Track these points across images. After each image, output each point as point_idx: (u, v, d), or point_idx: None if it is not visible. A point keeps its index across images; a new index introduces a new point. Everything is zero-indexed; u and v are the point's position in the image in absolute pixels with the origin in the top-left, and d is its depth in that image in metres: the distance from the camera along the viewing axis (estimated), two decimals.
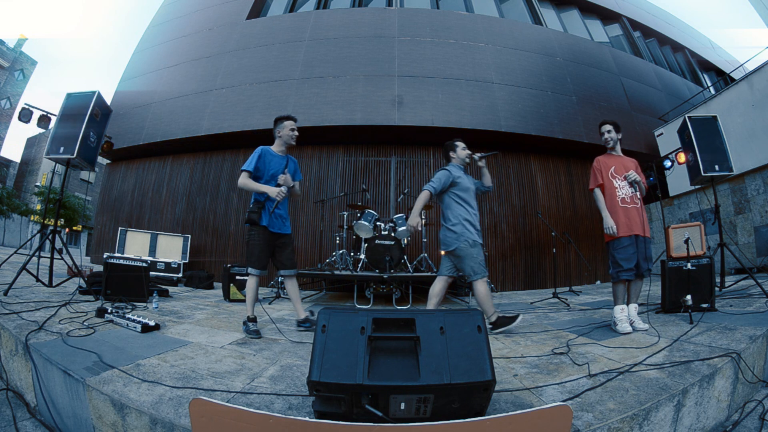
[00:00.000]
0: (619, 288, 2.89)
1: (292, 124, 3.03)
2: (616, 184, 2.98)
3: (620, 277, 2.85)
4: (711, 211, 4.62)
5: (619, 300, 2.87)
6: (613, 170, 3.01)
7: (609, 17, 10.96)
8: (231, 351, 2.34)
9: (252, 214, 2.89)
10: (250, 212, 2.90)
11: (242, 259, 6.90)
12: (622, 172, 2.99)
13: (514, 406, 1.62)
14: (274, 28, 8.49)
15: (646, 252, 2.89)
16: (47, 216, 9.83)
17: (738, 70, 11.86)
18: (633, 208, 2.90)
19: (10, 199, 20.04)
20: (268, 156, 2.97)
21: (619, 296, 2.88)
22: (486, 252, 6.83)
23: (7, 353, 2.24)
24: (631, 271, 2.82)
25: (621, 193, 2.94)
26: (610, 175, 3.00)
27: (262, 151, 2.96)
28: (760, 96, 6.09)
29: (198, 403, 1.19)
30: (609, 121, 3.15)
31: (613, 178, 2.99)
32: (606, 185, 3.00)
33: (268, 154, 2.97)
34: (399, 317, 1.54)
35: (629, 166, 3.03)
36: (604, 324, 3.06)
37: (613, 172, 3.01)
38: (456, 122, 6.99)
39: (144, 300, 3.77)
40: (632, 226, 2.85)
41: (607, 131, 3.09)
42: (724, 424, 1.83)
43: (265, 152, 2.96)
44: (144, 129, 8.05)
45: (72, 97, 4.15)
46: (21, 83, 26.20)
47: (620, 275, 2.84)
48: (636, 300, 2.92)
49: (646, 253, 2.90)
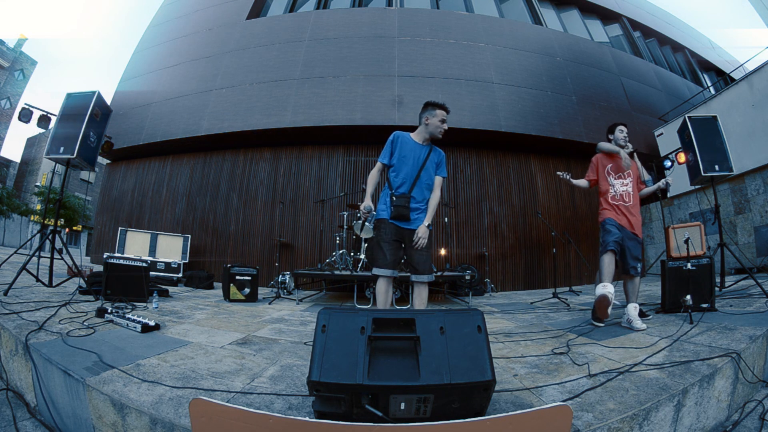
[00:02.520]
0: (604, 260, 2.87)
1: (444, 114, 2.63)
2: (609, 182, 3.08)
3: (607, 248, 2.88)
4: (711, 211, 4.62)
5: (604, 276, 2.82)
6: (609, 168, 3.11)
7: (609, 17, 10.96)
8: (231, 351, 2.34)
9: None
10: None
11: (242, 259, 6.91)
12: (617, 172, 3.09)
13: (514, 406, 1.62)
14: (274, 28, 8.49)
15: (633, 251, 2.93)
16: (47, 216, 9.82)
17: (738, 70, 11.86)
18: (622, 206, 3.03)
19: (10, 199, 20.04)
20: (403, 143, 2.63)
21: (605, 271, 2.83)
22: (486, 252, 6.89)
23: (7, 353, 2.24)
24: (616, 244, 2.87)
25: (613, 191, 3.06)
26: (606, 172, 3.09)
27: (394, 136, 2.63)
28: (760, 96, 6.09)
29: (198, 403, 1.19)
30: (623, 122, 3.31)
31: (608, 176, 3.09)
32: (600, 182, 3.13)
33: (403, 139, 2.64)
34: (399, 317, 1.54)
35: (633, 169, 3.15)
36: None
37: (609, 170, 3.10)
38: (456, 122, 6.98)
39: (144, 300, 3.77)
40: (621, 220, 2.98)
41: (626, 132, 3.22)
42: (724, 424, 1.83)
43: (399, 137, 2.64)
44: (144, 129, 8.06)
45: (72, 97, 4.15)
46: (21, 83, 26.20)
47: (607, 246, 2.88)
48: (635, 299, 2.92)
49: (634, 252, 2.94)
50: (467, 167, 7.45)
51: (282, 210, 7.17)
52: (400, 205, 2.52)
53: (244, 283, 4.77)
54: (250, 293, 4.77)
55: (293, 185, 7.37)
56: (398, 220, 2.56)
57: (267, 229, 7.23)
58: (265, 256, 7.11)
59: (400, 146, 2.63)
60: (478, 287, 6.28)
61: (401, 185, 2.58)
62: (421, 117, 2.69)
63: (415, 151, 2.63)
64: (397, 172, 2.61)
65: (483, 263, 6.86)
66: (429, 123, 2.64)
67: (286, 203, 7.22)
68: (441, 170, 2.70)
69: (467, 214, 7.17)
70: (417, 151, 2.63)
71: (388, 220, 2.56)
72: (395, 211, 2.53)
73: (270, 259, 6.96)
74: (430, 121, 2.63)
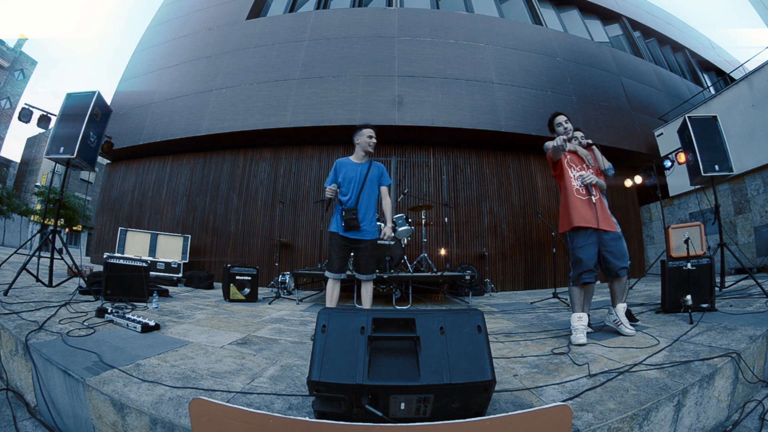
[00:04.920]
0: (575, 291, 2.61)
1: (370, 131, 3.03)
2: (570, 174, 2.76)
3: (582, 280, 2.57)
4: (711, 211, 4.62)
5: (577, 307, 2.59)
6: (569, 159, 2.82)
7: (609, 17, 10.96)
8: (231, 351, 2.34)
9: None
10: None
11: (242, 259, 6.91)
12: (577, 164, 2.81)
13: (514, 406, 1.62)
14: (274, 28, 8.49)
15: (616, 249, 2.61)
16: (47, 216, 9.83)
17: (738, 70, 11.87)
18: (587, 200, 2.68)
19: (10, 199, 20.03)
20: (344, 165, 3.03)
21: (577, 302, 2.60)
22: (486, 252, 6.89)
23: (7, 353, 2.24)
24: (592, 273, 2.55)
25: (575, 183, 2.74)
26: (566, 163, 2.79)
27: (336, 163, 3.05)
28: (760, 96, 6.09)
29: (198, 403, 1.19)
30: (561, 112, 2.96)
31: (569, 168, 2.78)
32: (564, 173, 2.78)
33: (343, 163, 3.04)
34: (399, 317, 1.54)
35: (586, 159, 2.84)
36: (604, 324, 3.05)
37: (569, 161, 2.81)
38: (456, 122, 7.00)
39: (144, 300, 3.77)
40: (589, 219, 2.61)
41: (564, 121, 2.84)
42: (724, 424, 1.83)
43: (339, 163, 3.04)
44: (144, 129, 8.06)
45: (72, 97, 4.15)
46: (21, 83, 26.19)
47: (582, 277, 2.56)
48: (623, 299, 2.67)
49: (617, 250, 2.61)
50: (467, 167, 7.45)
51: (282, 210, 7.17)
52: (349, 218, 2.86)
53: (244, 283, 4.77)
54: (250, 293, 4.77)
55: (293, 185, 7.37)
56: (349, 232, 2.90)
57: (267, 229, 7.24)
58: (265, 256, 7.11)
59: (343, 170, 3.01)
60: (478, 287, 6.28)
61: (348, 201, 2.94)
62: (354, 140, 3.07)
63: (355, 170, 2.99)
64: (344, 191, 2.97)
65: (483, 263, 6.86)
66: (359, 142, 3.02)
67: (286, 203, 7.22)
68: (384, 180, 3.08)
69: (467, 214, 7.17)
70: (357, 169, 3.00)
71: (339, 234, 2.92)
72: (346, 224, 2.88)
73: (270, 259, 6.96)
74: (360, 140, 3.02)
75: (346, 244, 2.93)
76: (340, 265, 2.91)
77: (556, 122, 2.89)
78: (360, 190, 2.94)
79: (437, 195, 7.12)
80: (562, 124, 2.84)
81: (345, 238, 2.91)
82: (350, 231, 2.89)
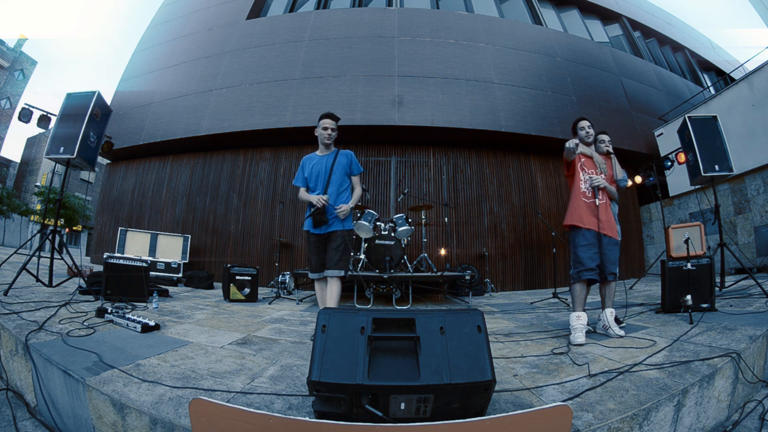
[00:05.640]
0: (576, 289, 2.67)
1: (326, 122, 2.88)
2: (581, 177, 2.86)
3: (582, 277, 2.64)
4: (711, 211, 4.62)
5: (577, 305, 2.64)
6: (582, 162, 2.91)
7: (609, 17, 10.96)
8: (231, 351, 2.34)
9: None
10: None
11: (242, 259, 6.91)
12: (590, 167, 2.90)
13: (514, 406, 1.62)
14: (274, 28, 8.49)
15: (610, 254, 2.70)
16: (47, 216, 9.83)
17: (738, 70, 11.87)
18: (591, 202, 2.77)
19: (10, 199, 20.03)
20: (309, 161, 2.96)
21: (577, 300, 2.65)
22: (486, 252, 6.89)
23: (7, 353, 2.24)
24: (593, 271, 2.63)
25: (584, 186, 2.84)
26: (579, 166, 2.89)
27: (302, 160, 3.00)
28: (760, 96, 6.09)
29: (198, 403, 1.19)
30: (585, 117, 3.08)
31: (582, 171, 2.88)
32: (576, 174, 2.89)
33: (308, 159, 2.98)
34: (399, 317, 1.54)
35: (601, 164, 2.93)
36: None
37: (583, 165, 2.90)
38: (456, 122, 7.00)
39: (144, 300, 3.77)
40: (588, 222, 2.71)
41: (587, 126, 2.99)
42: (724, 424, 1.83)
43: (305, 159, 2.99)
44: (144, 129, 8.06)
45: (72, 97, 4.15)
46: (21, 83, 26.19)
47: (582, 275, 2.64)
48: (611, 303, 2.77)
49: (612, 257, 2.70)
50: (467, 167, 7.45)
51: (282, 210, 7.17)
52: (317, 213, 2.76)
53: (244, 283, 4.77)
54: (250, 293, 4.77)
55: (293, 185, 7.37)
56: (318, 227, 2.81)
57: (267, 229, 7.23)
58: (265, 256, 7.11)
59: (308, 165, 2.95)
60: (478, 287, 6.28)
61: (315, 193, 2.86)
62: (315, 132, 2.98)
63: (321, 163, 2.90)
64: (311, 186, 2.92)
65: (483, 263, 6.86)
66: (318, 134, 2.93)
67: (286, 203, 7.22)
68: (354, 168, 2.95)
69: (467, 214, 7.17)
70: (323, 161, 2.91)
71: (311, 232, 2.86)
72: (314, 221, 2.78)
73: (270, 259, 6.96)
74: (318, 132, 2.93)
75: (319, 241, 2.84)
76: (318, 263, 2.83)
77: (579, 126, 3.03)
78: (327, 183, 2.83)
79: (437, 195, 7.12)
80: (584, 129, 3.00)
81: (317, 234, 2.83)
82: (319, 227, 2.80)
